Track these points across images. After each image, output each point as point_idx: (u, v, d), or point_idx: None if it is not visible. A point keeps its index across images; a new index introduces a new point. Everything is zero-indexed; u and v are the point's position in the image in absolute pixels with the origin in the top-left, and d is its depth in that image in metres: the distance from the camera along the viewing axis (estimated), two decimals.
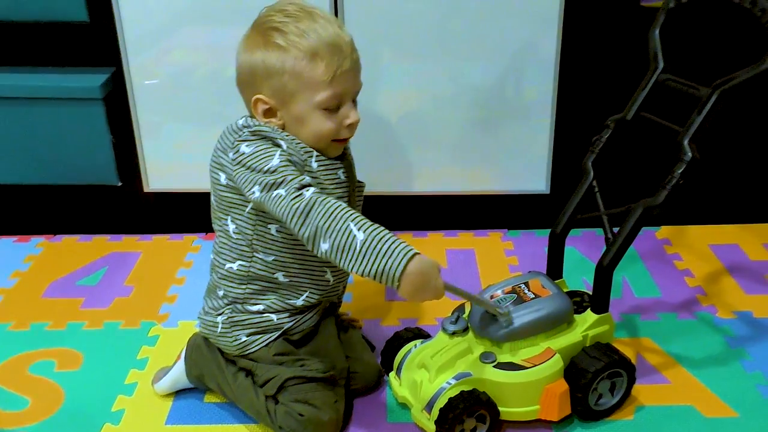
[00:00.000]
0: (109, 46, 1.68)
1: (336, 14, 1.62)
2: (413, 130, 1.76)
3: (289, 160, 1.14)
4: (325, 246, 1.06)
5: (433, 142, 1.77)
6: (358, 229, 1.05)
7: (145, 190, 1.81)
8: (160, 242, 1.86)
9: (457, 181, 1.81)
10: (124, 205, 1.88)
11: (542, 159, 1.77)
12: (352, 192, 1.27)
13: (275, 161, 1.12)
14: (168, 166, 1.79)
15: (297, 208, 1.07)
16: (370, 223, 1.07)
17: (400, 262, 1.03)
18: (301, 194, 1.08)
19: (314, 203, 1.07)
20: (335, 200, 1.08)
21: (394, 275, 1.04)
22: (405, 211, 1.86)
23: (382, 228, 1.06)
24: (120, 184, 1.82)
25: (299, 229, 1.07)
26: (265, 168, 1.12)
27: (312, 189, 1.09)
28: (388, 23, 1.64)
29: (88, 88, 1.70)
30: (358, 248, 1.04)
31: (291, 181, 1.10)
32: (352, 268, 1.06)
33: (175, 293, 1.66)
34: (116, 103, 1.74)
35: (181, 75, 1.71)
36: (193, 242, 1.84)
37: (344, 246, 1.05)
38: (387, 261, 1.04)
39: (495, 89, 1.71)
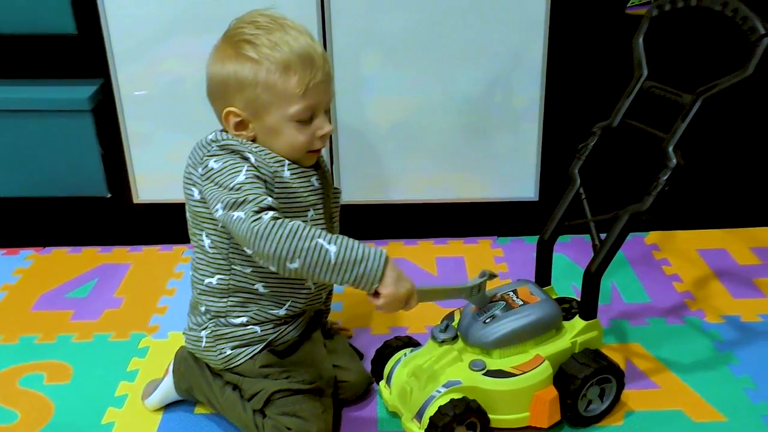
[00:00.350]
0: (97, 57, 1.68)
1: (323, 23, 1.63)
2: (402, 138, 1.76)
3: (257, 176, 1.13)
4: (293, 265, 1.06)
5: (421, 150, 1.78)
6: (329, 243, 1.06)
7: (135, 201, 1.81)
8: (150, 253, 1.86)
9: (446, 188, 1.81)
10: (113, 216, 1.87)
11: (530, 166, 1.78)
12: (327, 198, 1.27)
13: (241, 177, 1.12)
14: (157, 176, 1.79)
15: (257, 231, 1.06)
16: (333, 235, 1.08)
17: (378, 264, 1.07)
18: (259, 218, 1.07)
19: (273, 226, 1.06)
20: (293, 221, 1.07)
21: (375, 276, 1.07)
22: (394, 220, 1.87)
23: (346, 237, 1.09)
24: (109, 195, 1.82)
25: (260, 252, 1.06)
26: (230, 184, 1.12)
27: (271, 213, 1.08)
28: (375, 32, 1.65)
29: (76, 99, 1.70)
30: (333, 260, 1.06)
31: (252, 201, 1.09)
32: (328, 279, 1.08)
33: (165, 304, 1.65)
34: (105, 114, 1.74)
35: (170, 85, 1.71)
36: (183, 253, 1.84)
37: (317, 262, 1.06)
38: (365, 265, 1.07)
39: (483, 97, 1.72)
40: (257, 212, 1.07)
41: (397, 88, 1.72)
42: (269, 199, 1.10)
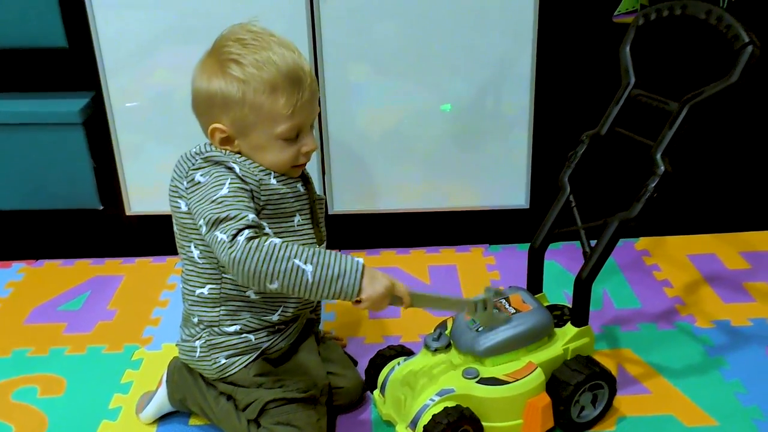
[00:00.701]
0: (88, 70, 1.68)
1: (313, 33, 1.64)
2: (393, 147, 1.77)
3: (241, 188, 1.14)
4: (273, 286, 1.07)
5: (412, 159, 1.78)
6: (305, 263, 1.07)
7: (127, 213, 1.82)
8: (143, 265, 1.86)
9: (437, 197, 1.82)
10: (106, 228, 1.88)
11: (521, 174, 1.79)
12: (313, 204, 1.28)
13: (224, 191, 1.13)
14: (149, 188, 1.80)
15: (234, 257, 1.06)
16: (310, 250, 1.08)
17: (355, 278, 1.08)
18: (235, 242, 1.06)
19: (250, 250, 1.06)
20: (270, 240, 1.08)
21: (353, 290, 1.08)
22: (386, 229, 1.88)
23: (323, 251, 1.09)
24: (101, 207, 1.82)
25: (240, 276, 1.07)
26: (213, 197, 1.12)
27: (247, 232, 1.07)
28: (365, 41, 1.66)
29: (67, 112, 1.71)
30: (310, 280, 1.07)
31: (233, 218, 1.09)
32: (308, 296, 1.09)
33: (158, 316, 1.65)
34: (96, 127, 1.74)
35: (161, 97, 1.71)
36: (176, 264, 1.84)
37: (295, 282, 1.07)
38: (342, 281, 1.08)
39: (473, 106, 1.73)
40: (235, 235, 1.07)
41: (387, 98, 1.73)
42: (251, 215, 1.10)
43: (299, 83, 1.16)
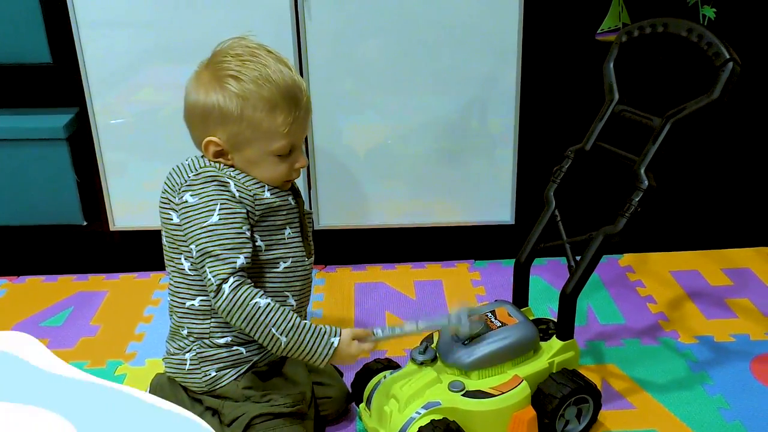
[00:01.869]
0: (73, 86, 1.69)
1: (299, 50, 1.65)
2: (379, 163, 1.78)
3: (233, 212, 1.16)
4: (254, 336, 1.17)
5: (399, 175, 1.79)
6: (281, 334, 1.15)
7: (111, 228, 1.81)
8: (127, 281, 1.84)
9: (423, 213, 1.83)
10: (89, 244, 1.87)
11: (506, 190, 1.80)
12: (303, 217, 1.28)
13: (215, 218, 1.14)
14: (133, 204, 1.79)
15: (219, 306, 1.14)
16: (290, 322, 1.15)
17: (323, 359, 1.17)
18: (221, 291, 1.13)
19: (234, 305, 1.13)
20: (255, 300, 1.13)
21: (319, 365, 1.18)
22: (372, 244, 1.88)
23: (302, 325, 1.16)
24: (85, 223, 1.82)
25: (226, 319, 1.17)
26: (204, 225, 1.15)
27: (231, 281, 1.13)
28: (351, 58, 1.67)
29: (51, 128, 1.71)
30: (283, 348, 1.16)
31: (222, 260, 1.13)
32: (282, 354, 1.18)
33: (142, 331, 1.64)
34: (80, 142, 1.74)
35: (146, 114, 1.72)
36: (160, 280, 1.83)
37: (270, 345, 1.16)
38: (310, 358, 1.17)
39: (459, 123, 1.74)
40: (220, 284, 1.13)
41: (373, 115, 1.74)
42: (239, 259, 1.14)
43: (296, 101, 1.17)
